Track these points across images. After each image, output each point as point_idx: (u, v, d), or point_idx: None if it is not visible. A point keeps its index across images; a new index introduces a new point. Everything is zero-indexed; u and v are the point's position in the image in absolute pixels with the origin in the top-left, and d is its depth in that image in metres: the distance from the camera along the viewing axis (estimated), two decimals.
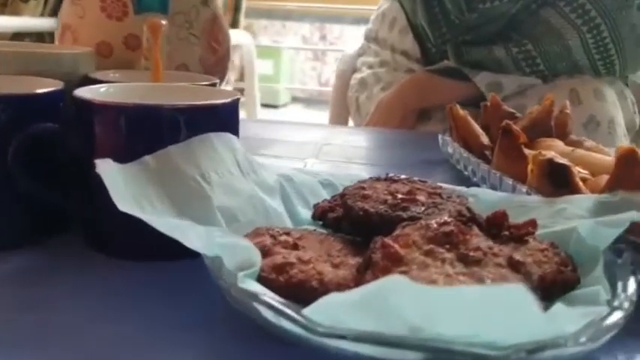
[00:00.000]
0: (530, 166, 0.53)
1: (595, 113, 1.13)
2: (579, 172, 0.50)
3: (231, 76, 3.11)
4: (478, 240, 0.37)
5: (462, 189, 0.54)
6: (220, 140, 0.44)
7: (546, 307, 0.36)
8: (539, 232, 0.45)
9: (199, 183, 0.41)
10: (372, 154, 0.90)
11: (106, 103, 0.43)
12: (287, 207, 0.48)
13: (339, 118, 1.54)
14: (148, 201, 0.39)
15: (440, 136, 0.80)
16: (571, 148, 0.67)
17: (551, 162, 0.50)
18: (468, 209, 0.43)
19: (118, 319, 0.36)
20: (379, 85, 1.31)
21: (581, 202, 0.46)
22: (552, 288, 0.37)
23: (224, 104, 0.46)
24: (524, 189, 0.55)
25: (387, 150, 0.95)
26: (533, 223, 0.42)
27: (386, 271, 0.33)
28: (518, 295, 0.26)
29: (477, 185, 0.67)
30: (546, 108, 0.73)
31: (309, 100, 4.88)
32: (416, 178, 0.48)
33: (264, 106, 3.90)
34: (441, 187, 0.47)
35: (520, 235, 0.41)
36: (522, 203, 0.50)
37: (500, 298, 0.27)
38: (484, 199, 0.53)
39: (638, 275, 0.41)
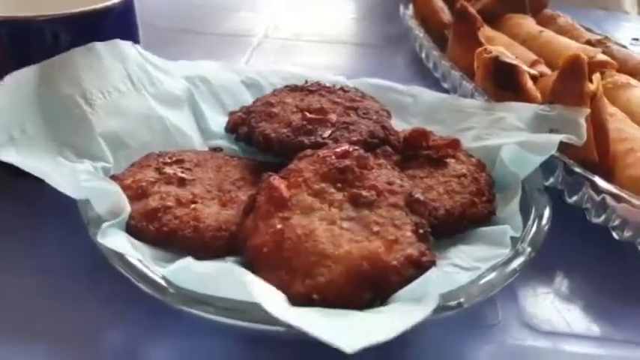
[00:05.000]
0: (475, 63, 0.47)
1: None
2: (528, 71, 0.45)
3: None
4: (379, 173, 0.33)
5: (402, 88, 0.49)
6: (109, 49, 0.39)
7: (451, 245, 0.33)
8: (472, 144, 0.41)
9: (80, 106, 0.36)
10: (329, 27, 0.81)
11: None
12: (197, 119, 0.43)
13: None
14: (19, 126, 0.34)
15: (401, 7, 0.71)
16: (539, 29, 0.59)
17: (496, 61, 0.44)
18: (384, 128, 0.38)
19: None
20: None
21: (521, 111, 0.42)
22: (460, 222, 0.34)
23: (112, 7, 0.39)
24: (470, 85, 0.49)
25: (347, 23, 0.86)
26: (454, 144, 0.38)
27: (268, 217, 0.30)
28: None
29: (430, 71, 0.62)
30: None
31: None
32: (337, 87, 0.43)
33: None
34: (362, 99, 0.42)
35: (438, 157, 0.38)
36: (461, 107, 0.46)
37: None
38: (423, 100, 0.48)
39: (567, 197, 0.38)
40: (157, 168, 0.35)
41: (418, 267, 0.28)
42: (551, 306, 0.34)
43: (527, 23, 0.61)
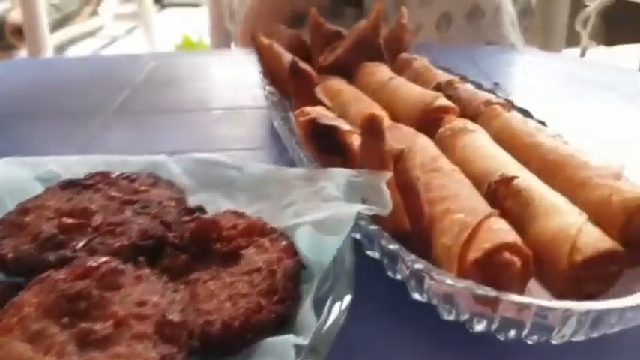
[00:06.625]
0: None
1: (479, 2, 1.01)
2: (352, 130, 0.39)
3: None
4: (132, 291, 0.26)
5: (227, 162, 0.43)
6: None
7: None
8: (290, 222, 0.35)
9: None
10: (188, 95, 0.76)
11: None
12: None
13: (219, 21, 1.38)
14: None
15: (258, 69, 0.66)
16: (390, 76, 0.55)
17: (314, 123, 0.39)
18: (163, 223, 0.32)
19: None
20: None
21: (338, 178, 0.36)
22: (242, 335, 0.27)
23: None
24: (301, 153, 0.44)
25: (218, 89, 0.81)
26: (247, 232, 0.32)
27: None
28: None
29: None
30: (372, 23, 0.60)
31: None
32: (123, 176, 0.37)
33: None
34: (151, 187, 0.35)
35: (230, 250, 0.32)
36: (285, 179, 0.40)
37: None
38: (250, 173, 0.42)
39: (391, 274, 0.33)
40: None
41: None
42: None
43: (381, 71, 0.57)
